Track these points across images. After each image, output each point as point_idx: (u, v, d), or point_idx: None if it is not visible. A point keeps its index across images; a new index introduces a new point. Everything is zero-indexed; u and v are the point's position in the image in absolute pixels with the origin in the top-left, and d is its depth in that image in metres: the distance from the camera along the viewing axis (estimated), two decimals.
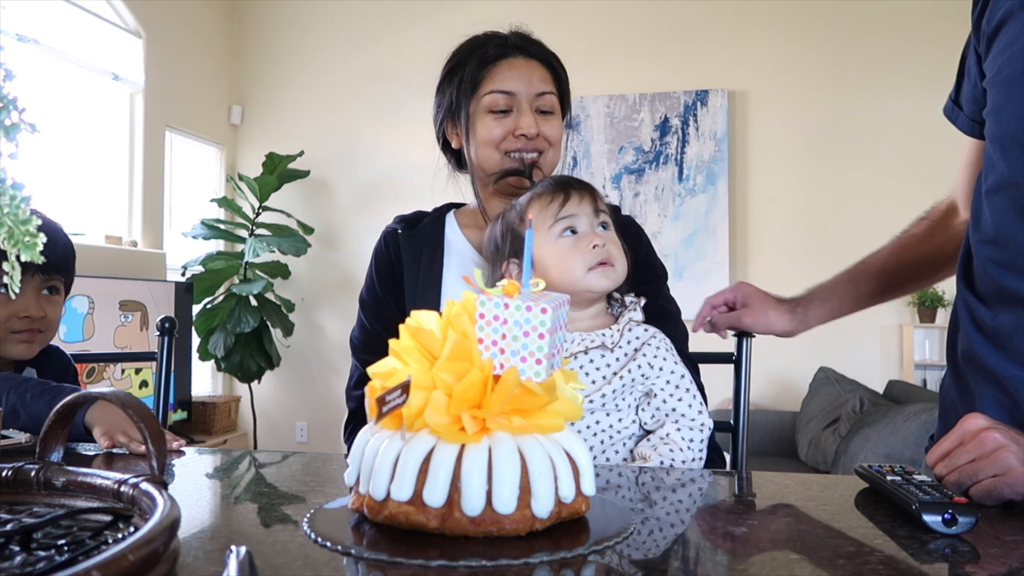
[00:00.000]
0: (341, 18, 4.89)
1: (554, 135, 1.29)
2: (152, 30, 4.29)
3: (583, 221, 1.11)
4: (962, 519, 0.68)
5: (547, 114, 1.29)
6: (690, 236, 4.41)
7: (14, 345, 1.27)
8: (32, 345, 1.29)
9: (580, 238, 1.11)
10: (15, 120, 0.63)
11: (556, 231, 1.11)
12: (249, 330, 4.28)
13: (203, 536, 0.70)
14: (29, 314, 1.26)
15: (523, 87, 1.27)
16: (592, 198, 1.13)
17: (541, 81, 1.29)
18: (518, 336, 0.69)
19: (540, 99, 1.28)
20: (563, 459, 0.69)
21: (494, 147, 1.28)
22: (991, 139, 1.01)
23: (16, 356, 1.29)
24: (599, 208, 1.13)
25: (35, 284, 1.28)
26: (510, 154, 1.28)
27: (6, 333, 1.26)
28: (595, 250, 1.10)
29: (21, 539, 0.56)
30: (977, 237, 1.04)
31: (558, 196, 1.12)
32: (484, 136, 1.28)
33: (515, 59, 1.29)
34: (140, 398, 0.70)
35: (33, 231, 0.62)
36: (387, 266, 1.34)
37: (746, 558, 0.64)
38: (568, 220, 1.11)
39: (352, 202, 4.84)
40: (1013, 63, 0.96)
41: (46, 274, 1.29)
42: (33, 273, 1.26)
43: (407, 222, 1.38)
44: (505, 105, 1.27)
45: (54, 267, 1.30)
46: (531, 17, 1.50)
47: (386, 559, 0.61)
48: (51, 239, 1.25)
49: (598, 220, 1.13)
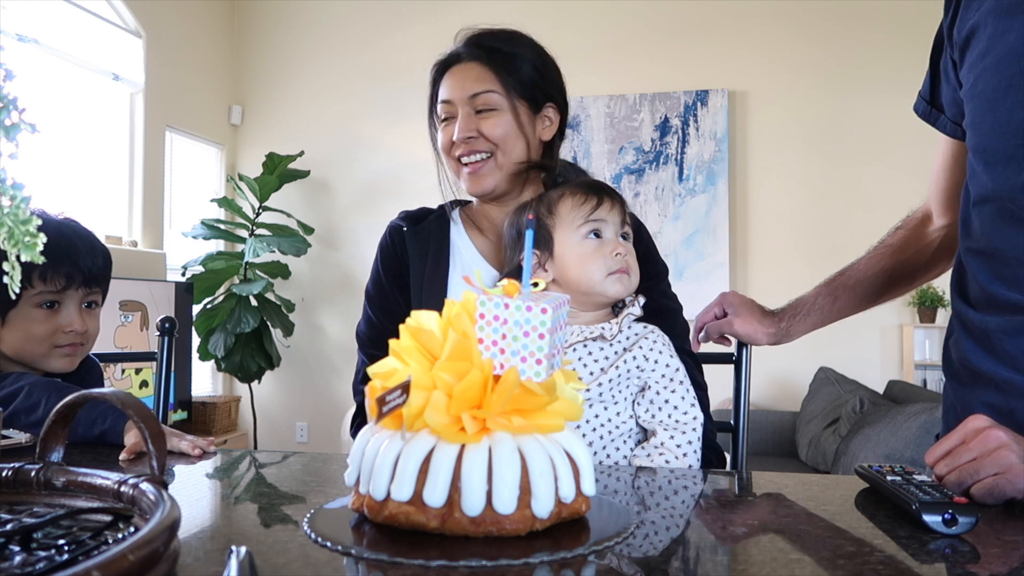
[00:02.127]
0: (341, 18, 4.89)
1: (494, 132, 1.26)
2: (152, 30, 4.29)
3: (610, 228, 1.15)
4: (962, 519, 0.68)
5: (485, 112, 1.27)
6: (690, 236, 4.41)
7: (57, 359, 1.26)
8: (74, 359, 1.28)
9: (604, 243, 1.14)
10: (15, 120, 0.63)
11: (583, 231, 1.15)
12: (249, 330, 4.28)
13: (203, 536, 0.70)
14: (74, 328, 1.25)
15: (457, 92, 1.28)
16: (621, 208, 1.17)
17: (475, 82, 1.27)
18: (518, 336, 0.69)
19: (474, 100, 1.27)
20: (563, 459, 0.69)
21: (448, 156, 1.31)
22: (973, 151, 1.01)
23: (58, 370, 1.28)
24: (625, 220, 1.17)
25: (77, 298, 1.26)
26: (461, 164, 1.29)
27: (49, 348, 1.25)
28: (617, 257, 1.13)
29: (21, 539, 0.56)
30: (966, 245, 1.05)
31: (592, 198, 1.15)
32: (439, 147, 1.33)
33: (458, 65, 1.30)
34: (140, 398, 0.70)
35: (33, 231, 0.62)
36: (393, 260, 1.35)
37: (746, 558, 0.64)
38: (596, 224, 1.15)
39: (352, 202, 4.84)
40: (988, 77, 0.97)
41: (88, 287, 1.27)
42: (77, 287, 1.25)
43: (412, 218, 1.38)
44: (447, 113, 1.30)
45: (95, 279, 1.28)
46: (531, 17, 1.50)
47: (386, 559, 0.61)
48: (92, 251, 1.26)
49: (622, 230, 1.17)
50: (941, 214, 1.24)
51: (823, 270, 1.39)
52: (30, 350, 1.23)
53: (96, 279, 1.28)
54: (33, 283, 1.20)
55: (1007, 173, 0.95)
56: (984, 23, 0.98)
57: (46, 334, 1.23)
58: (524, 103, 1.29)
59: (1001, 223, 0.97)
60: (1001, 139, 0.95)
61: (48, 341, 1.24)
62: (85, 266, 1.24)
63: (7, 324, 1.22)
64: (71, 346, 1.26)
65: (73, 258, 1.23)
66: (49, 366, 1.26)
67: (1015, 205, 0.94)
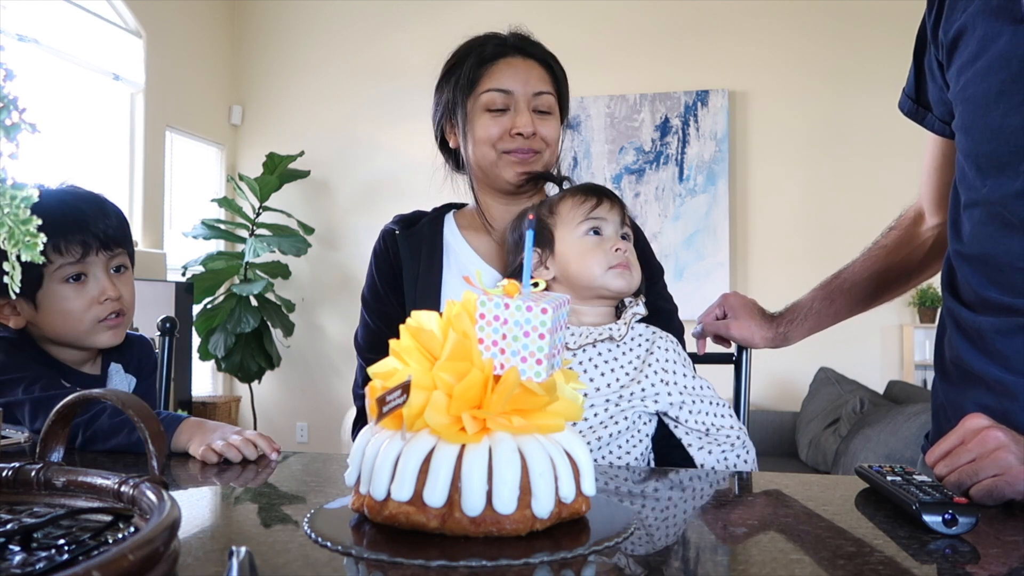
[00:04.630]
0: (341, 18, 4.89)
1: (551, 135, 1.29)
2: (152, 30, 4.29)
3: (609, 226, 1.17)
4: (962, 519, 0.68)
5: (544, 114, 1.29)
6: (690, 236, 4.40)
7: (101, 334, 1.20)
8: (118, 330, 1.22)
9: (604, 240, 1.16)
10: (15, 120, 0.63)
11: (583, 229, 1.17)
12: (249, 330, 4.28)
13: (203, 536, 0.70)
14: (108, 296, 1.18)
15: (520, 86, 1.27)
16: (621, 210, 1.19)
17: (539, 81, 1.29)
18: (518, 336, 0.69)
19: (537, 99, 1.28)
20: (563, 459, 0.69)
21: (491, 146, 1.28)
22: (965, 156, 1.01)
23: (105, 344, 1.22)
24: (624, 221, 1.19)
25: (102, 263, 1.19)
26: (507, 153, 1.28)
27: (91, 324, 1.18)
28: (616, 252, 1.15)
29: (21, 539, 0.56)
30: (957, 248, 1.04)
31: (591, 198, 1.18)
32: (481, 135, 1.28)
33: (513, 58, 1.29)
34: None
35: (33, 231, 0.62)
36: (387, 264, 1.35)
37: (746, 558, 0.64)
38: (596, 221, 1.17)
39: (352, 202, 4.84)
40: (978, 82, 0.96)
41: (108, 250, 1.20)
42: (97, 251, 1.18)
43: (405, 222, 1.39)
44: (502, 104, 1.27)
45: (113, 240, 1.21)
46: (531, 17, 1.51)
47: (386, 559, 0.61)
48: (102, 212, 1.20)
49: (622, 230, 1.19)
50: (933, 213, 1.23)
51: (824, 270, 1.38)
52: (71, 329, 1.18)
53: (115, 240, 1.21)
54: (50, 257, 1.14)
55: (1000, 180, 0.94)
56: (972, 25, 0.97)
57: (82, 309, 1.17)
58: (562, 110, 1.34)
59: (992, 228, 0.96)
60: (993, 145, 0.95)
61: (86, 316, 1.18)
62: (99, 229, 1.18)
63: (40, 309, 1.16)
64: (112, 318, 1.20)
65: (83, 223, 1.17)
66: (96, 342, 1.20)
67: (1007, 211, 0.94)
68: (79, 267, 1.17)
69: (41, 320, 1.17)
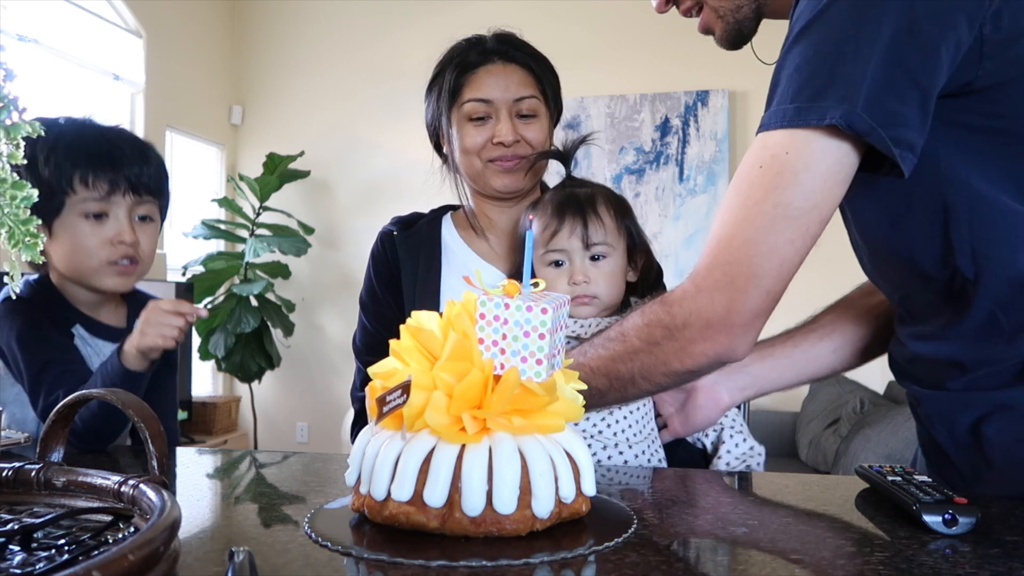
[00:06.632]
0: (341, 18, 4.89)
1: (536, 138, 1.28)
2: (152, 30, 4.29)
3: (569, 255, 1.15)
4: (962, 519, 0.68)
5: (528, 118, 1.28)
6: (690, 237, 4.40)
7: (110, 277, 1.16)
8: (128, 278, 1.18)
9: (563, 272, 1.15)
10: (15, 120, 0.63)
11: (545, 260, 1.16)
12: (249, 330, 4.28)
13: (203, 536, 0.70)
14: (123, 239, 1.15)
15: (500, 93, 1.26)
16: (584, 230, 1.14)
17: (520, 85, 1.27)
18: (518, 336, 0.69)
19: (519, 104, 1.27)
20: (563, 459, 0.69)
21: (475, 155, 1.28)
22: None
23: (111, 289, 1.18)
24: (591, 242, 1.14)
25: (126, 206, 1.16)
26: (491, 162, 1.27)
27: (100, 263, 1.15)
28: (573, 287, 1.14)
29: (21, 539, 0.56)
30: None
31: (552, 224, 1.15)
32: (465, 144, 1.28)
33: (493, 65, 1.28)
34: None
35: (33, 231, 0.62)
36: (384, 266, 1.35)
37: (746, 558, 0.64)
38: (555, 254, 1.15)
39: (352, 202, 4.84)
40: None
41: (136, 196, 1.16)
42: (123, 193, 1.15)
43: (403, 223, 1.39)
44: (483, 112, 1.27)
45: (146, 188, 1.17)
46: (531, 17, 1.50)
47: (386, 559, 0.61)
48: (142, 157, 1.18)
49: (588, 253, 1.15)
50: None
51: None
52: (80, 264, 1.15)
53: (146, 188, 1.17)
54: (76, 188, 1.12)
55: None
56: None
57: (94, 247, 1.14)
58: (551, 112, 1.32)
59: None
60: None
61: (98, 255, 1.14)
62: (132, 172, 1.15)
63: (54, 237, 1.14)
64: (123, 263, 1.16)
65: (117, 162, 1.14)
66: (102, 284, 1.17)
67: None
68: (102, 205, 1.14)
69: (52, 249, 1.14)
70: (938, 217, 0.84)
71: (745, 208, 0.84)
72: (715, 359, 0.89)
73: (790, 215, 0.82)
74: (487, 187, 1.30)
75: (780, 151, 0.83)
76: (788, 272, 0.86)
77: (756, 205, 0.83)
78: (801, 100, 0.81)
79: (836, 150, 0.80)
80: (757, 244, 0.83)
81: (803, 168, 0.81)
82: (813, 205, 0.82)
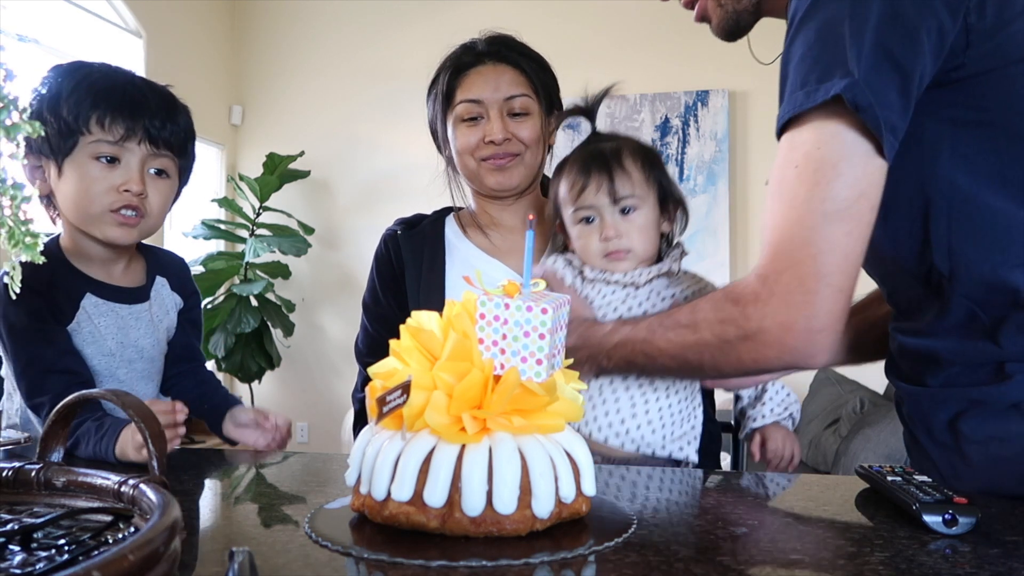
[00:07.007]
0: (341, 18, 4.89)
1: (529, 136, 1.29)
2: (152, 30, 4.29)
3: (599, 211, 1.13)
4: (962, 519, 0.68)
5: (520, 116, 1.29)
6: (691, 236, 4.39)
7: (110, 227, 1.10)
8: (130, 230, 1.11)
9: (594, 228, 1.14)
10: (15, 120, 0.63)
11: (575, 217, 1.15)
12: (249, 330, 4.28)
13: (203, 536, 0.70)
14: (129, 188, 1.09)
15: (490, 93, 1.28)
16: (610, 184, 1.12)
17: (510, 84, 1.29)
18: (518, 336, 0.69)
19: (510, 102, 1.28)
20: (563, 459, 0.69)
21: (469, 155, 1.30)
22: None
23: (111, 239, 1.12)
24: (618, 196, 1.12)
25: (140, 156, 1.10)
26: (484, 161, 1.29)
27: (103, 210, 1.09)
28: (605, 243, 1.12)
29: (21, 539, 0.56)
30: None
31: (579, 181, 1.14)
32: (459, 145, 1.30)
33: (484, 66, 1.30)
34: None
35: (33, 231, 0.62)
36: (388, 268, 1.35)
37: (746, 558, 0.64)
38: (584, 211, 1.14)
39: (352, 202, 4.84)
40: None
41: (153, 147, 1.10)
42: (139, 142, 1.09)
43: (406, 223, 1.40)
44: (475, 113, 1.29)
45: (166, 142, 1.12)
46: (531, 17, 1.51)
47: (386, 559, 0.61)
48: (168, 109, 1.14)
49: (617, 207, 1.13)
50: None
51: None
52: (84, 207, 1.09)
53: (166, 143, 1.12)
54: (91, 128, 1.07)
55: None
56: None
57: (99, 192, 1.08)
58: (545, 109, 1.33)
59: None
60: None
61: (101, 201, 1.09)
62: (152, 124, 1.10)
63: (63, 176, 1.09)
64: (128, 212, 1.10)
65: (138, 109, 1.09)
66: (104, 233, 1.11)
67: None
68: (114, 149, 1.09)
69: (60, 189, 1.10)
70: (919, 212, 0.85)
71: (793, 209, 0.83)
72: (791, 364, 0.88)
73: (840, 208, 0.81)
74: (483, 186, 1.32)
75: (811, 148, 0.82)
76: (853, 266, 0.83)
77: (804, 204, 0.82)
78: (810, 84, 0.81)
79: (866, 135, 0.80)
80: (817, 243, 0.81)
81: (840, 159, 0.81)
82: (860, 193, 0.81)
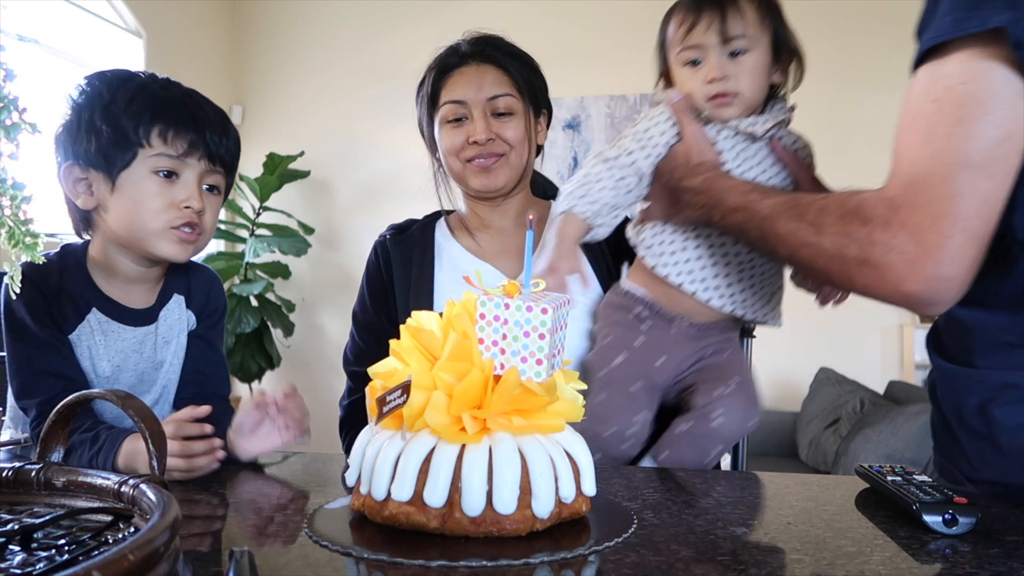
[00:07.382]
0: (341, 18, 4.89)
1: (513, 136, 1.29)
2: (152, 30, 4.29)
3: (706, 51, 1.08)
4: (962, 519, 0.68)
5: (504, 116, 1.29)
6: None
7: (169, 243, 1.06)
8: (187, 247, 1.09)
9: (699, 70, 1.09)
10: (15, 120, 0.63)
11: (682, 58, 1.10)
12: (249, 330, 4.28)
13: (203, 536, 0.70)
14: (190, 204, 1.06)
15: (473, 93, 1.28)
16: (722, 23, 1.06)
17: (493, 84, 1.29)
18: (518, 336, 0.69)
19: (493, 102, 1.28)
20: (563, 459, 0.69)
21: (455, 156, 1.30)
22: None
23: (167, 256, 1.08)
24: (729, 36, 1.06)
25: (198, 171, 1.07)
26: (469, 162, 1.29)
27: (163, 227, 1.05)
28: (711, 85, 1.07)
29: (21, 539, 0.56)
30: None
31: (688, 19, 1.08)
32: (445, 146, 1.31)
33: (467, 67, 1.30)
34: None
35: (33, 232, 0.62)
36: (377, 276, 1.37)
37: (746, 558, 0.64)
38: (690, 52, 1.09)
39: (352, 202, 4.84)
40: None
41: (211, 163, 1.09)
42: (199, 157, 1.07)
43: (396, 229, 1.41)
44: (459, 114, 1.29)
45: (221, 159, 1.10)
46: (531, 16, 1.51)
47: (386, 559, 0.61)
48: (223, 125, 1.12)
49: (727, 48, 1.07)
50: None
51: None
52: (140, 224, 1.05)
53: (221, 159, 1.10)
54: (152, 142, 1.04)
55: None
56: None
57: (159, 208, 1.05)
58: (531, 108, 1.32)
59: None
60: None
61: (162, 217, 1.05)
62: (212, 138, 1.08)
63: (117, 190, 1.04)
64: (186, 230, 1.07)
65: (200, 123, 1.07)
66: (159, 250, 1.07)
67: None
68: (175, 164, 1.05)
69: (112, 205, 1.05)
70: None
71: (930, 144, 0.76)
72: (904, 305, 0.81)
73: (982, 148, 0.73)
74: (469, 187, 1.32)
75: (956, 82, 0.74)
76: (992, 213, 0.76)
77: (943, 140, 0.75)
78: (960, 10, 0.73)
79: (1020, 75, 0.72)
80: (956, 183, 0.74)
81: (987, 97, 0.73)
82: (1007, 135, 0.73)
